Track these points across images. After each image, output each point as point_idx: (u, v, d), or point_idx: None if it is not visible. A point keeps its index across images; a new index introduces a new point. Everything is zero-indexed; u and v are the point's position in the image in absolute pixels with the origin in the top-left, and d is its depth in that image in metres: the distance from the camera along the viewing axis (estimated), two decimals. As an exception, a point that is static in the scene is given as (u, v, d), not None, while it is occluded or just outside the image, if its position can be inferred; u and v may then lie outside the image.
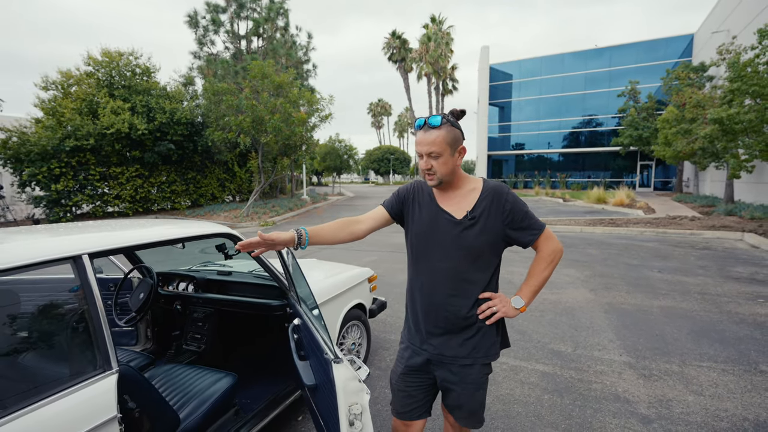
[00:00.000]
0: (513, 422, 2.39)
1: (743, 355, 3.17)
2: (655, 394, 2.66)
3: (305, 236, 1.36)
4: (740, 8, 15.93)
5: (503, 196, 1.44)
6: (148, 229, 1.77)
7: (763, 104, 8.92)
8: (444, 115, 1.37)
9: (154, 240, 1.71)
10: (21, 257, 1.25)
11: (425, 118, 1.37)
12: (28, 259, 1.26)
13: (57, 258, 1.33)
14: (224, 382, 2.02)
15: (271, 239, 1.28)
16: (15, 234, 1.56)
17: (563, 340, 3.52)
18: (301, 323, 1.84)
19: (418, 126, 1.39)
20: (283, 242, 1.30)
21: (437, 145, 1.35)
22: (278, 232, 1.31)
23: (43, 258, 1.29)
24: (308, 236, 1.37)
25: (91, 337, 1.35)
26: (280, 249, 1.36)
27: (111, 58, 14.83)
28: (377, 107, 72.19)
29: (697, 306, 4.33)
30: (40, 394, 1.19)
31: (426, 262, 1.49)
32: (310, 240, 1.38)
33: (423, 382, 1.56)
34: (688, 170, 21.76)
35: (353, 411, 1.26)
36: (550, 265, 1.49)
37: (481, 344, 1.48)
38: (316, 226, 1.42)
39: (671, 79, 19.11)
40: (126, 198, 15.29)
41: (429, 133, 1.36)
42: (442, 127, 1.35)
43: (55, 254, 1.33)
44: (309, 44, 21.96)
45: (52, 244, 1.36)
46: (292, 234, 1.33)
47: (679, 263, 6.29)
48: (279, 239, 1.29)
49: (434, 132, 1.35)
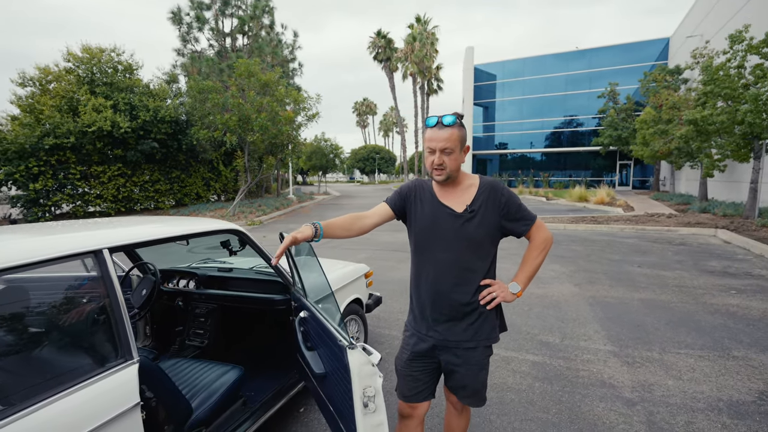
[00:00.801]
0: (507, 408, 2.51)
1: (717, 342, 3.38)
2: (638, 379, 2.83)
3: (320, 230, 1.44)
4: (713, 14, 16.59)
5: (499, 191, 1.55)
6: (159, 226, 1.82)
7: (734, 106, 9.35)
8: (457, 114, 1.47)
9: (167, 236, 1.76)
10: (48, 251, 1.29)
11: (438, 117, 1.47)
12: (54, 253, 1.30)
13: (80, 252, 1.38)
14: (231, 375, 2.07)
15: (296, 239, 1.39)
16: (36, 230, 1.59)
17: (551, 332, 3.68)
18: (309, 315, 1.91)
19: (430, 124, 1.48)
20: (304, 238, 1.40)
21: (451, 142, 1.45)
22: (300, 231, 1.41)
23: (67, 252, 1.34)
24: (322, 230, 1.45)
25: (112, 329, 1.40)
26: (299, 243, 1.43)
27: (92, 55, 14.47)
28: (362, 106, 72.12)
29: (674, 298, 4.56)
30: (71, 382, 1.24)
31: (430, 254, 1.59)
32: (324, 233, 1.47)
33: (428, 367, 1.66)
34: (665, 169, 22.53)
35: (367, 393, 1.34)
36: (542, 252, 1.61)
37: (482, 328, 1.59)
38: (328, 221, 1.51)
39: (648, 81, 19.76)
40: (108, 197, 14.96)
41: (443, 131, 1.45)
42: (455, 126, 1.45)
43: (78, 249, 1.38)
44: (295, 43, 21.84)
45: (74, 240, 1.41)
46: (312, 229, 1.42)
47: (658, 258, 6.58)
48: (302, 237, 1.39)
49: (448, 130, 1.45)
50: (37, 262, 1.25)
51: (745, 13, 13.04)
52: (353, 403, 1.35)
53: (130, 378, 1.37)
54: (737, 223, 8.94)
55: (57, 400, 1.18)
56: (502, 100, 31.69)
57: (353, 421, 1.35)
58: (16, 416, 1.09)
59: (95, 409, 1.25)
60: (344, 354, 1.36)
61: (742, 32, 9.52)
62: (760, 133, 9.00)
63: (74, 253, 1.36)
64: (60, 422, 1.17)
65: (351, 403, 1.37)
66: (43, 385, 1.20)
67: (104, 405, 1.28)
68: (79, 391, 1.24)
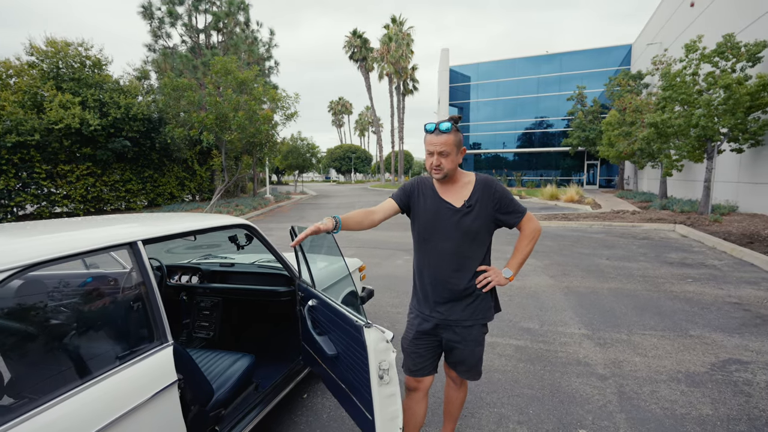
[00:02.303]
0: (495, 386, 2.75)
1: (676, 324, 3.76)
2: (609, 357, 3.14)
3: (339, 223, 1.60)
4: (670, 23, 17.69)
5: (493, 187, 1.77)
6: (179, 222, 1.93)
7: (689, 111, 10.09)
8: (453, 121, 1.67)
9: (187, 230, 1.87)
10: (92, 243, 1.40)
11: (436, 124, 1.66)
12: (98, 244, 1.41)
13: (118, 244, 1.49)
14: (244, 362, 2.20)
15: (318, 228, 1.53)
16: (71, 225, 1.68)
17: (531, 319, 3.97)
18: (317, 303, 2.07)
19: (429, 130, 1.68)
20: (326, 229, 1.55)
21: (447, 146, 1.65)
22: (323, 223, 1.56)
23: (108, 243, 1.45)
24: (341, 223, 1.61)
25: (149, 314, 1.52)
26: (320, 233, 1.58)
27: (57, 49, 13.87)
28: (338, 105, 71.87)
29: (639, 287, 4.97)
30: (122, 361, 1.36)
31: (432, 244, 1.78)
32: (342, 227, 1.63)
33: (431, 344, 1.86)
34: (629, 169, 23.78)
35: (382, 367, 1.51)
36: (531, 241, 1.83)
37: (479, 309, 1.80)
38: (345, 215, 1.67)
39: (613, 85, 20.82)
40: (76, 198, 14.40)
41: (440, 136, 1.64)
42: (451, 132, 1.65)
43: (117, 241, 1.49)
44: (271, 41, 21.62)
45: (112, 233, 1.52)
46: (333, 222, 1.57)
47: (624, 251, 7.07)
48: (324, 227, 1.54)
49: (444, 135, 1.64)
50: (85, 252, 1.36)
51: (699, 24, 14.03)
52: (369, 376, 1.52)
53: (167, 358, 1.50)
54: (693, 219, 9.67)
55: (113, 374, 1.31)
56: (476, 101, 32.46)
57: (369, 393, 1.52)
58: (91, 383, 1.22)
59: (144, 383, 1.38)
60: (361, 332, 1.52)
61: (696, 42, 10.28)
62: (712, 135, 9.76)
63: (114, 245, 1.47)
64: (121, 392, 1.29)
65: (367, 377, 1.54)
66: (100, 364, 1.32)
67: (150, 380, 1.40)
68: (131, 367, 1.36)
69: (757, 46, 9.30)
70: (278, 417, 2.45)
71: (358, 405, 1.66)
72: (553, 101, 29.32)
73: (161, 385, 1.42)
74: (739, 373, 2.84)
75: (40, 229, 1.56)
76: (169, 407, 1.47)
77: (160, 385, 1.42)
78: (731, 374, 2.84)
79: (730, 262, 6.09)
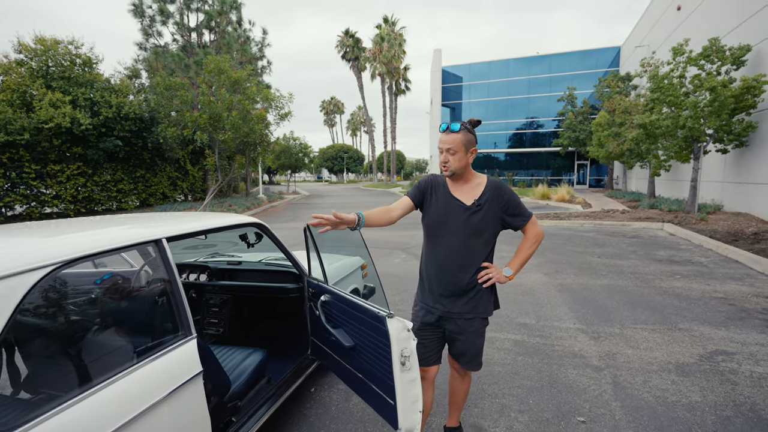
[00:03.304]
0: (496, 378, 2.86)
1: (666, 318, 3.92)
2: (603, 350, 3.27)
3: (362, 219, 1.68)
4: (658, 26, 18.07)
5: (502, 190, 1.86)
6: (196, 221, 1.99)
7: (677, 112, 10.36)
8: (463, 123, 1.76)
9: (205, 228, 1.94)
10: (122, 240, 1.47)
11: (448, 124, 1.76)
12: (127, 241, 1.48)
13: (145, 241, 1.55)
14: (257, 356, 2.28)
15: (341, 218, 1.58)
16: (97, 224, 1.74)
17: (527, 315, 4.10)
18: (331, 298, 2.15)
19: (442, 129, 1.77)
20: (348, 222, 1.61)
21: (455, 144, 1.74)
22: (345, 214, 1.61)
23: (137, 241, 1.52)
24: (364, 219, 1.69)
25: (174, 308, 1.59)
26: (343, 228, 1.65)
27: (46, 47, 13.68)
28: (330, 105, 71.72)
29: (630, 283, 5.14)
30: (154, 351, 1.43)
31: (440, 239, 1.88)
32: (365, 223, 1.71)
33: (435, 335, 1.95)
34: (618, 169, 24.21)
35: (404, 354, 1.60)
36: (534, 245, 1.93)
37: (480, 303, 1.90)
38: (367, 212, 1.74)
39: (603, 87, 21.18)
40: (66, 198, 14.21)
41: (450, 135, 1.74)
42: (459, 132, 1.74)
43: (144, 238, 1.56)
44: (264, 40, 21.55)
45: (139, 231, 1.58)
46: (355, 217, 1.64)
47: (614, 249, 7.26)
48: (345, 219, 1.60)
49: (453, 134, 1.74)
50: (118, 248, 1.43)
51: (686, 27, 14.38)
52: (392, 363, 1.60)
53: (192, 350, 1.57)
54: (680, 218, 9.93)
55: (147, 364, 1.38)
56: (468, 102, 32.71)
57: (391, 379, 1.61)
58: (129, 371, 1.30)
59: (174, 373, 1.45)
60: (384, 323, 1.61)
61: (683, 45, 10.55)
62: (698, 136, 10.03)
63: (141, 242, 1.54)
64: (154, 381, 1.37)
65: (389, 364, 1.62)
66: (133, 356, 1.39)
67: (179, 371, 1.48)
68: (162, 358, 1.43)
69: (741, 50, 9.59)
70: (288, 410, 2.52)
71: (378, 392, 1.74)
72: (544, 102, 29.69)
73: (188, 375, 1.50)
74: (726, 364, 2.99)
75: (68, 228, 1.62)
76: (196, 397, 1.54)
77: (187, 375, 1.49)
78: (718, 364, 2.99)
79: (715, 259, 6.30)
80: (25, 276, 1.12)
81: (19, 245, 1.38)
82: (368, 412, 2.49)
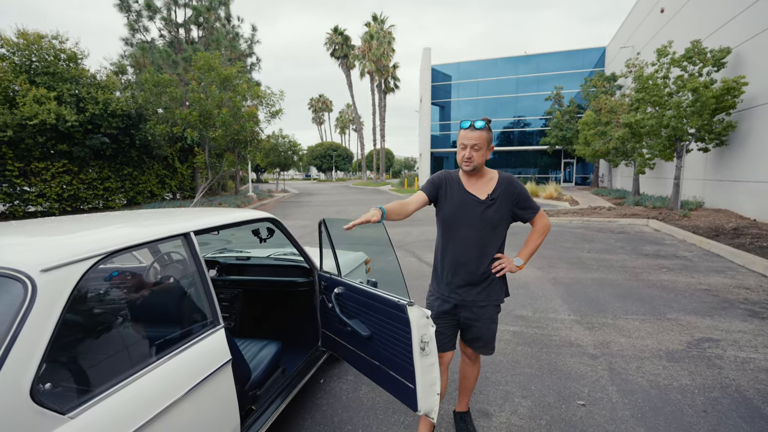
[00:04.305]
0: (498, 367, 2.98)
1: (655, 309, 4.11)
2: (598, 339, 3.42)
3: (384, 213, 1.75)
4: (642, 28, 18.52)
5: (514, 185, 1.97)
6: (216, 216, 2.05)
7: (661, 112, 10.68)
8: (486, 120, 1.85)
9: (225, 222, 2.00)
10: (156, 234, 1.53)
11: (471, 121, 1.84)
12: (160, 235, 1.54)
13: (175, 234, 1.61)
14: (272, 347, 2.35)
15: (368, 219, 1.64)
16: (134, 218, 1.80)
17: (524, 307, 4.24)
18: (345, 290, 2.23)
19: (464, 126, 1.85)
20: (375, 220, 1.67)
21: (480, 141, 1.83)
22: (371, 214, 1.66)
23: (168, 234, 1.58)
24: (385, 213, 1.76)
25: (204, 298, 1.66)
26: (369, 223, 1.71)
27: (29, 41, 13.33)
28: (318, 103, 71.37)
29: (619, 276, 5.34)
30: (190, 337, 1.50)
31: (455, 232, 1.97)
32: (386, 217, 1.79)
33: (450, 323, 2.05)
34: (603, 167, 24.75)
35: (424, 339, 1.69)
36: (542, 235, 2.05)
37: (493, 291, 2.00)
38: (387, 206, 1.80)
39: (589, 86, 21.60)
40: (51, 196, 13.92)
41: (475, 132, 1.83)
42: (484, 129, 1.84)
43: (175, 232, 1.62)
44: (253, 36, 21.36)
45: (169, 226, 1.64)
46: (380, 212, 1.69)
47: (603, 245, 7.49)
48: (373, 218, 1.65)
49: (478, 132, 1.83)
50: (153, 241, 1.49)
51: (669, 29, 14.79)
52: (412, 349, 1.69)
53: (221, 339, 1.64)
54: (664, 214, 10.27)
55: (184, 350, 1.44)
56: (457, 100, 32.96)
57: (411, 364, 1.70)
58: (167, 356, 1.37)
59: (209, 358, 1.52)
60: (405, 310, 1.69)
61: (667, 47, 10.88)
62: (681, 135, 10.38)
63: (172, 235, 1.60)
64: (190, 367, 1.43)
65: (409, 350, 1.71)
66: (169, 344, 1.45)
67: (213, 356, 1.55)
68: (193, 347, 1.50)
69: (722, 52, 9.95)
70: (301, 400, 2.60)
71: (397, 377, 1.82)
72: (531, 101, 30.12)
73: (221, 362, 1.57)
74: (712, 350, 3.18)
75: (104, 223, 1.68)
76: (226, 383, 1.61)
77: (220, 361, 1.56)
78: (705, 351, 3.17)
79: (699, 253, 6.57)
80: (81, 264, 1.18)
81: (67, 237, 1.43)
82: (378, 400, 2.59)
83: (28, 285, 1.06)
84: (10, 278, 1.08)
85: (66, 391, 1.10)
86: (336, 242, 2.44)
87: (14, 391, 0.96)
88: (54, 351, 1.07)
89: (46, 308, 1.07)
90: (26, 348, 1.00)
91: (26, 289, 1.06)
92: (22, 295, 1.05)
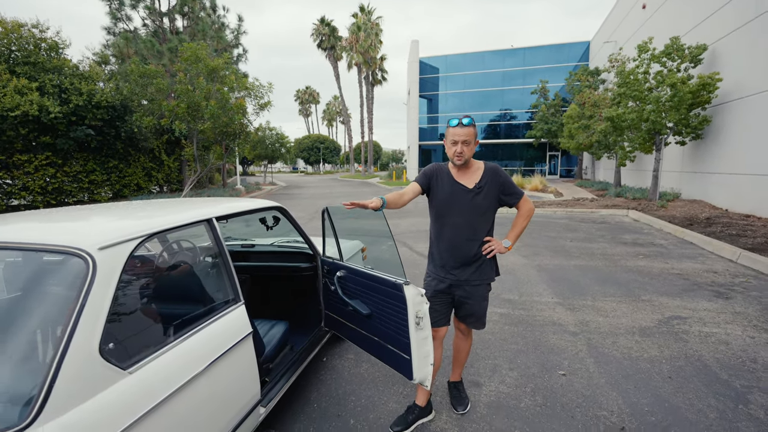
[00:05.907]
0: (487, 344, 3.24)
1: (631, 291, 4.43)
2: (578, 319, 3.71)
3: (384, 202, 1.95)
4: (624, 24, 18.96)
5: (499, 173, 2.19)
6: (233, 204, 2.22)
7: (641, 106, 11.08)
8: (472, 117, 2.06)
9: (241, 210, 2.18)
10: (184, 219, 1.70)
11: (459, 119, 2.05)
12: (189, 219, 1.71)
13: (199, 220, 1.78)
14: (281, 326, 2.54)
15: (365, 204, 1.82)
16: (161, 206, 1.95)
17: (511, 291, 4.51)
18: (346, 273, 2.43)
19: (453, 124, 2.06)
20: (374, 206, 1.87)
21: (469, 136, 2.04)
22: (372, 201, 1.84)
23: (195, 219, 1.75)
24: (385, 202, 1.96)
25: (224, 278, 1.84)
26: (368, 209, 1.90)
27: (7, 30, 12.97)
28: (305, 95, 70.63)
29: (600, 263, 5.66)
30: (215, 313, 1.68)
31: (448, 219, 2.19)
32: (386, 206, 1.98)
33: (445, 300, 2.28)
34: (587, 160, 25.36)
35: (418, 315, 1.90)
36: (526, 219, 2.28)
37: (484, 271, 2.23)
38: (387, 195, 2.00)
39: (573, 80, 22.02)
40: (35, 189, 13.66)
41: (464, 129, 2.03)
42: (470, 126, 2.05)
43: (198, 218, 1.79)
44: (240, 27, 21.09)
45: (194, 212, 1.81)
46: (379, 201, 1.89)
47: (585, 234, 7.84)
48: (372, 204, 1.85)
49: (467, 128, 2.04)
50: (184, 225, 1.66)
51: (651, 25, 15.21)
52: (408, 323, 1.91)
53: (243, 313, 1.83)
54: (643, 205, 10.72)
55: (211, 323, 1.63)
56: (444, 93, 33.15)
57: (407, 337, 1.91)
58: (203, 325, 1.56)
59: (231, 332, 1.71)
60: (401, 289, 1.90)
61: (647, 43, 11.25)
62: (660, 129, 10.80)
63: (198, 221, 1.77)
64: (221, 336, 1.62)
65: (406, 325, 1.92)
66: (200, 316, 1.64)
67: (237, 328, 1.73)
68: (219, 320, 1.68)
69: (698, 49, 10.35)
70: (306, 376, 2.80)
71: (394, 350, 2.04)
72: (518, 94, 30.50)
73: (243, 333, 1.76)
74: (679, 326, 3.49)
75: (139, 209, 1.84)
76: (249, 352, 1.80)
77: (242, 333, 1.75)
78: (673, 327, 3.48)
79: (674, 241, 6.96)
80: (130, 243, 1.35)
81: (112, 221, 1.59)
82: (378, 375, 2.81)
83: (89, 261, 1.23)
84: (73, 255, 1.24)
85: (125, 350, 1.28)
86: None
87: (87, 348, 1.14)
88: (112, 317, 1.24)
89: (104, 281, 1.24)
90: (93, 314, 1.18)
91: (87, 264, 1.23)
92: (84, 270, 1.22)
